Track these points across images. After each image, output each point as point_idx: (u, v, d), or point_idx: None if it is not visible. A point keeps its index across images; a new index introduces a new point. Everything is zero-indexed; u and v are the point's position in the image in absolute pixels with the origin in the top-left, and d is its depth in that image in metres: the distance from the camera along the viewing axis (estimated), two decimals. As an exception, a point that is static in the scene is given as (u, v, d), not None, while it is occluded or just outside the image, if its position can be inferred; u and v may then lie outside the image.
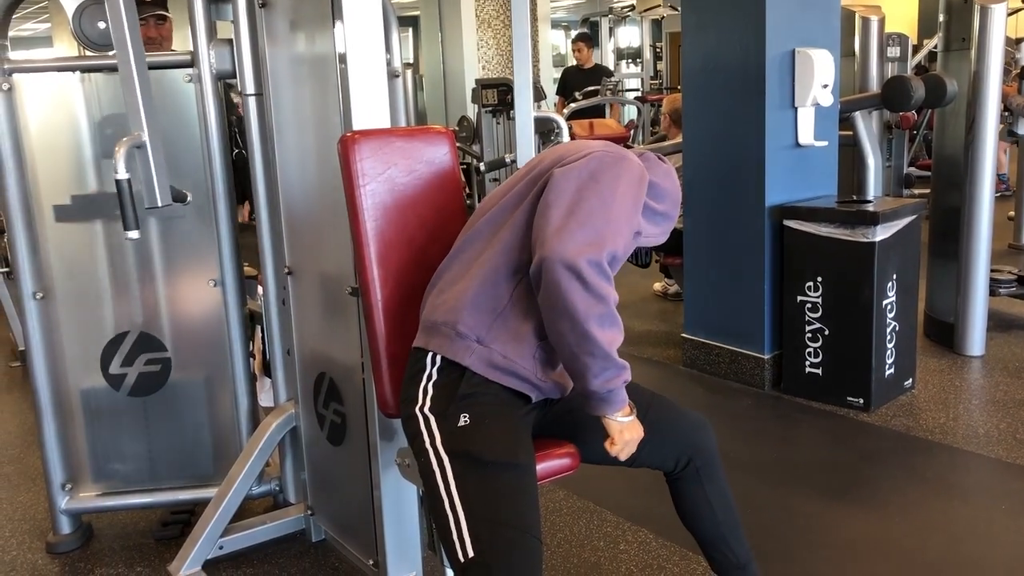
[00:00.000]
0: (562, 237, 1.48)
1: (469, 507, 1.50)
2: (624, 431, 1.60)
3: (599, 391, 1.54)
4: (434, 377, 1.61)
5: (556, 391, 1.71)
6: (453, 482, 1.53)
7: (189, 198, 2.36)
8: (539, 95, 7.30)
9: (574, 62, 9.11)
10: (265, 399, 2.74)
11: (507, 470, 1.53)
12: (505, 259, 1.61)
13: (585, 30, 11.51)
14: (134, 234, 2.07)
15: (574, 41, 8.81)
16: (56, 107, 2.35)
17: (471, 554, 1.46)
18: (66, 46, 9.99)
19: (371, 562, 2.15)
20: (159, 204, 2.11)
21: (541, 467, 1.64)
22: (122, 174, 2.01)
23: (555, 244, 1.48)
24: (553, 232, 1.50)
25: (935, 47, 5.32)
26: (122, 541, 2.59)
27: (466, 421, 1.56)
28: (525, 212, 1.62)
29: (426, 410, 1.59)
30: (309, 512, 2.49)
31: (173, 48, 3.24)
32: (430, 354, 1.62)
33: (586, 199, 1.54)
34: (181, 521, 2.62)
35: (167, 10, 3.14)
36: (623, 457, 1.64)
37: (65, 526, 2.55)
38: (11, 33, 2.35)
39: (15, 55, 2.33)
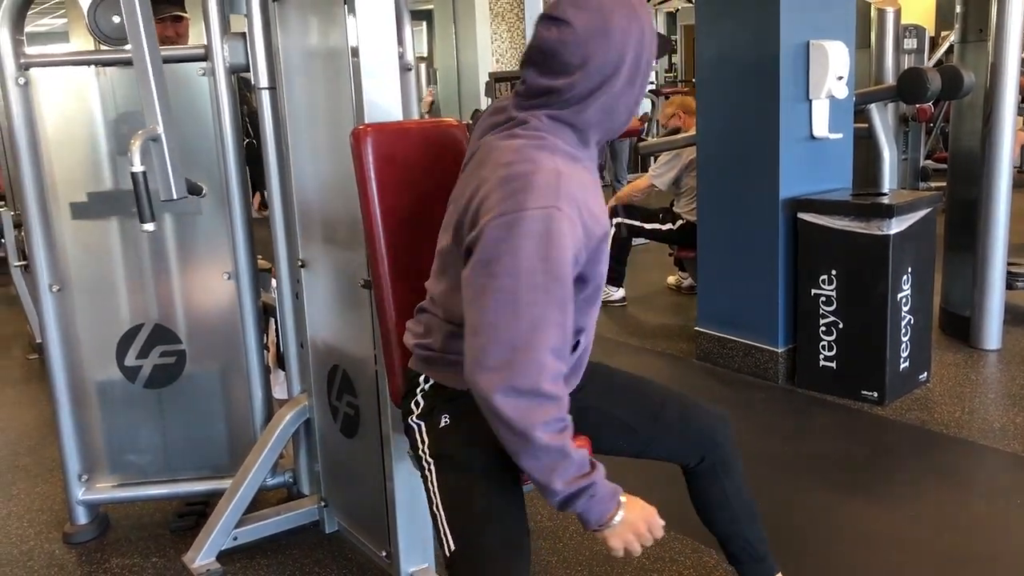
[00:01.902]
0: (471, 362, 1.34)
1: (447, 504, 1.52)
2: (611, 537, 1.45)
3: (565, 509, 1.40)
4: (426, 389, 1.61)
5: None
6: (436, 483, 1.55)
7: (205, 191, 2.37)
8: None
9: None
10: (279, 392, 2.75)
11: (481, 464, 1.53)
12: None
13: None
14: (150, 226, 2.07)
15: None
16: (72, 101, 2.36)
17: (454, 549, 1.49)
18: (82, 41, 10.05)
19: (384, 553, 2.17)
20: (174, 197, 2.11)
21: None
22: (137, 167, 2.01)
23: (468, 370, 1.35)
24: (467, 351, 1.36)
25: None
26: (138, 532, 2.61)
27: (447, 422, 1.57)
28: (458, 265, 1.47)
29: (415, 418, 1.61)
30: (323, 503, 2.50)
31: None
32: (423, 375, 1.61)
33: (485, 302, 1.34)
34: (196, 512, 2.63)
35: (184, 9, 3.16)
36: (634, 553, 1.50)
37: (82, 516, 2.57)
38: (28, 29, 2.36)
39: (32, 50, 2.35)
